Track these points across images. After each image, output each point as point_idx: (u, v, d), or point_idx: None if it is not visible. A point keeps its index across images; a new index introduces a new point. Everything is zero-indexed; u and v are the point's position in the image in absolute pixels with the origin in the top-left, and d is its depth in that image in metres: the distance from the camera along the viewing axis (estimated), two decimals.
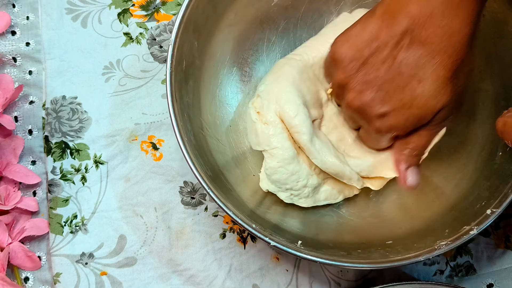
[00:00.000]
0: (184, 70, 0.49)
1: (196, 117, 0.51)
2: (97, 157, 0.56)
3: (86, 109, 0.57)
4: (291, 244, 0.46)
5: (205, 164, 0.48)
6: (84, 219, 0.55)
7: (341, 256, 0.46)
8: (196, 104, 0.51)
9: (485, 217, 0.46)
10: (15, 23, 0.58)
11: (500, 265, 0.57)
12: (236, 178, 0.51)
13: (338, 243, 0.50)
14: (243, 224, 0.45)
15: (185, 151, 0.46)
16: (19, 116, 0.57)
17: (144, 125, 0.57)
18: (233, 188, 0.50)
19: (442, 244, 0.46)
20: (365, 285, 0.55)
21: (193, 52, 0.51)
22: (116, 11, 0.59)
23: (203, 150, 0.50)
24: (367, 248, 0.49)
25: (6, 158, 0.54)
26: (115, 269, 0.54)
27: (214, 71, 0.54)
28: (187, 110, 0.49)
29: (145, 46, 0.59)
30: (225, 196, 0.46)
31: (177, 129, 0.47)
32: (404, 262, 0.45)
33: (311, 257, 0.45)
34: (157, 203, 0.56)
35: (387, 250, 0.48)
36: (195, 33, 0.50)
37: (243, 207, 0.49)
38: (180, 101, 0.48)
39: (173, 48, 0.48)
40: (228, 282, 0.55)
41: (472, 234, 0.46)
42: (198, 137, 0.50)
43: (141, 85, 0.58)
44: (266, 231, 0.46)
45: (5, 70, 0.57)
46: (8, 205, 0.53)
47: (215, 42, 0.53)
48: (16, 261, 0.53)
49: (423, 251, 0.46)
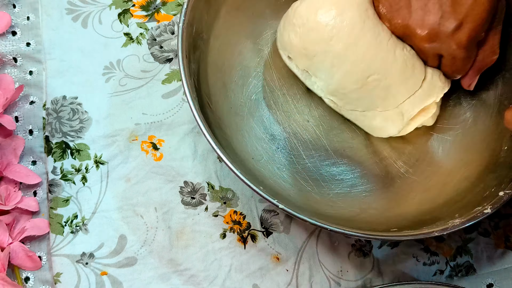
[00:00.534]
0: (194, 36, 0.50)
1: (199, 90, 0.51)
2: (98, 157, 0.56)
3: (86, 109, 0.57)
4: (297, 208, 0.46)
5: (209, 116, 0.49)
6: (85, 219, 0.55)
7: (351, 228, 0.46)
8: (200, 78, 0.52)
9: (499, 198, 0.47)
10: (16, 23, 0.58)
11: (500, 265, 0.57)
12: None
13: (346, 224, 0.50)
14: (245, 180, 0.45)
15: (189, 93, 0.47)
16: (20, 116, 0.57)
17: (144, 125, 0.57)
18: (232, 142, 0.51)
19: (456, 222, 0.46)
20: (365, 285, 0.55)
21: (202, 24, 0.52)
22: (116, 12, 0.59)
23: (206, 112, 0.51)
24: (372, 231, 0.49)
25: (7, 158, 0.54)
26: (115, 269, 0.54)
27: (217, 49, 0.54)
28: (193, 77, 0.50)
29: (145, 46, 0.59)
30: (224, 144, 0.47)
31: (186, 84, 0.47)
32: (416, 236, 0.46)
33: (319, 223, 0.45)
34: (157, 203, 0.56)
35: (395, 233, 0.48)
36: (206, 5, 0.51)
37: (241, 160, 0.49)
38: (189, 64, 0.49)
39: (186, 9, 0.49)
40: (228, 282, 0.55)
41: (486, 213, 0.46)
42: (202, 106, 0.50)
43: (141, 85, 0.58)
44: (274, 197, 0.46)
45: (5, 70, 0.57)
46: (9, 205, 0.53)
47: (224, 13, 0.54)
48: (17, 261, 0.53)
49: (436, 228, 0.46)
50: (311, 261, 0.55)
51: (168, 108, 0.58)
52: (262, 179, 0.53)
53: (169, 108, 0.58)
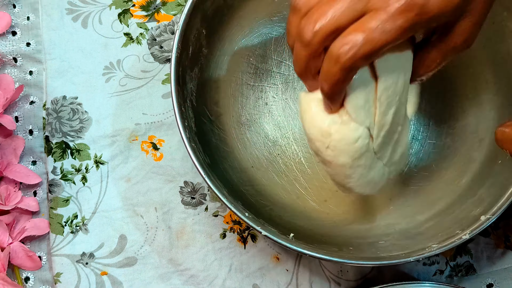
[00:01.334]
0: (190, 57, 0.50)
1: (199, 105, 0.51)
2: (98, 157, 0.56)
3: (86, 109, 0.57)
4: (282, 235, 0.46)
5: (204, 152, 0.48)
6: (85, 219, 0.55)
7: (332, 252, 0.46)
8: (200, 92, 0.52)
9: (480, 223, 0.46)
10: (16, 24, 0.58)
11: (500, 265, 0.57)
12: (234, 168, 0.52)
13: (331, 238, 0.50)
14: (233, 210, 0.45)
15: (185, 137, 0.46)
16: (20, 116, 0.57)
17: (144, 125, 0.57)
18: (231, 178, 0.50)
19: (433, 246, 0.46)
20: (365, 285, 0.55)
21: (200, 40, 0.51)
22: (116, 12, 0.59)
23: (204, 137, 0.50)
24: (359, 246, 0.49)
25: (7, 158, 0.54)
26: (115, 269, 0.54)
27: (220, 61, 0.54)
28: (190, 97, 0.50)
29: (146, 46, 0.59)
30: (221, 184, 0.47)
31: (178, 114, 0.47)
32: (393, 261, 0.46)
33: (301, 250, 0.45)
34: (157, 203, 0.56)
35: (378, 249, 0.48)
36: (203, 22, 0.51)
37: (244, 201, 0.49)
38: (184, 86, 0.49)
39: (181, 34, 0.48)
40: (228, 282, 0.55)
41: (464, 238, 0.46)
42: (199, 124, 0.50)
43: (141, 85, 0.58)
44: (259, 220, 0.46)
45: (5, 70, 0.57)
46: (9, 205, 0.53)
47: (224, 32, 0.54)
48: (17, 261, 0.53)
49: (413, 250, 0.46)
50: (311, 261, 0.55)
51: (168, 108, 0.58)
52: (261, 188, 0.53)
53: (169, 108, 0.58)
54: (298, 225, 0.51)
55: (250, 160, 0.54)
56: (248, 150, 0.55)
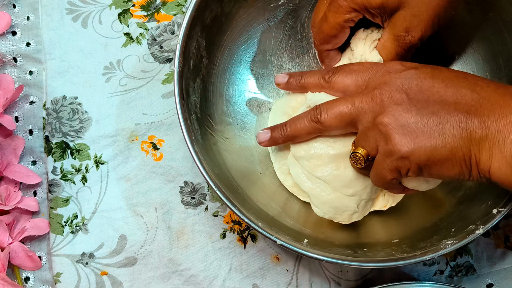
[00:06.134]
0: (192, 69, 0.50)
1: (203, 116, 0.51)
2: (98, 157, 0.56)
3: (86, 109, 0.57)
4: (296, 242, 0.46)
5: (212, 163, 0.48)
6: (85, 219, 0.55)
7: (347, 255, 0.46)
8: (203, 103, 0.52)
9: (491, 216, 0.46)
10: (16, 23, 0.58)
11: (500, 265, 0.57)
12: (243, 177, 0.52)
13: (344, 242, 0.50)
14: (249, 222, 0.45)
15: (193, 150, 0.47)
16: (20, 116, 0.57)
17: (144, 125, 0.57)
18: (239, 186, 0.50)
19: (448, 243, 0.46)
20: (365, 285, 0.55)
21: (200, 50, 0.51)
22: (116, 12, 0.59)
23: (210, 149, 0.50)
24: (373, 247, 0.49)
25: (7, 158, 0.54)
26: (115, 269, 0.54)
27: (221, 70, 0.54)
28: (194, 109, 0.50)
29: (146, 46, 0.59)
30: (231, 194, 0.47)
31: (184, 128, 0.47)
32: (410, 261, 0.45)
33: (318, 256, 0.45)
34: (157, 203, 0.56)
35: (393, 249, 0.48)
36: (202, 32, 0.51)
37: (249, 205, 0.49)
38: (188, 99, 0.49)
39: (181, 47, 0.48)
40: (228, 282, 0.55)
41: (478, 233, 0.46)
42: (205, 136, 0.50)
43: (141, 85, 0.58)
44: (272, 229, 0.46)
45: (5, 70, 0.57)
46: (9, 205, 0.53)
47: (223, 41, 0.53)
48: (17, 261, 0.53)
49: (429, 249, 0.46)
50: (311, 261, 0.55)
51: (168, 108, 0.58)
52: (268, 193, 0.53)
53: (169, 108, 0.58)
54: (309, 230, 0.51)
55: (258, 167, 0.54)
56: (255, 157, 0.55)
